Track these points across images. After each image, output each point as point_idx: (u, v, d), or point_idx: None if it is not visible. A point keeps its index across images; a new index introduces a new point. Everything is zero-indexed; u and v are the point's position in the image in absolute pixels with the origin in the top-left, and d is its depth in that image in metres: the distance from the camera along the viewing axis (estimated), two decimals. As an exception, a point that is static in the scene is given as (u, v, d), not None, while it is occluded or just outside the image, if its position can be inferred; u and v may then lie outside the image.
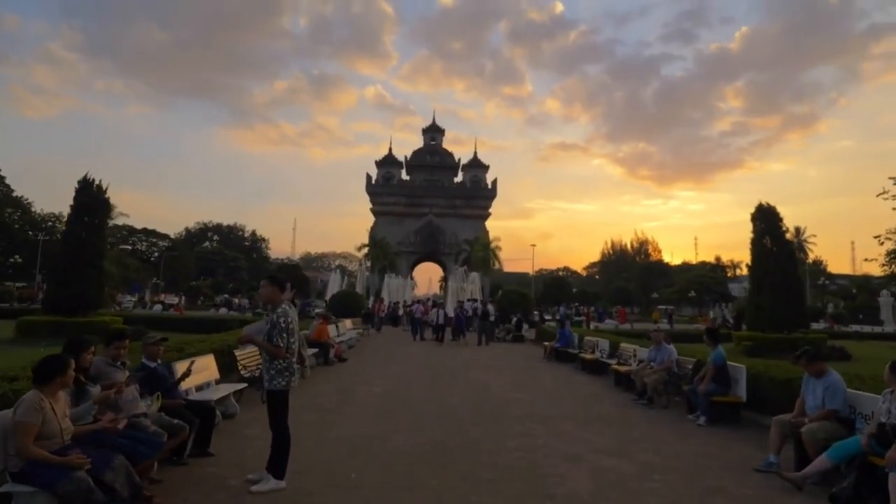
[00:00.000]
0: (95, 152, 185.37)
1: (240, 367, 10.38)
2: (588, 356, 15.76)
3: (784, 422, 6.73)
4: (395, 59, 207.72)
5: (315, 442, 7.27)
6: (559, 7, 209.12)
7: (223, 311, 31.33)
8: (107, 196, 21.33)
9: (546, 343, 19.72)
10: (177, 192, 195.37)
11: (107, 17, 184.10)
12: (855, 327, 41.81)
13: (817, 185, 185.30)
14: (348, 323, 24.27)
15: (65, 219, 66.55)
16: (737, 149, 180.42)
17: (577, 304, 46.01)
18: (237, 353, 10.62)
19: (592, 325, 32.43)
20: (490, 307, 26.07)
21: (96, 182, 21.08)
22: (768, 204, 22.02)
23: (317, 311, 27.65)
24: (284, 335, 5.58)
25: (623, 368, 12.65)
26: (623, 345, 14.85)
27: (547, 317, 36.61)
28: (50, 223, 68.66)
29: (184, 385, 7.96)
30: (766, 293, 21.11)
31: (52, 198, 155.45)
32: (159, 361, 6.87)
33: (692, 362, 10.88)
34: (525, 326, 27.09)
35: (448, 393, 11.61)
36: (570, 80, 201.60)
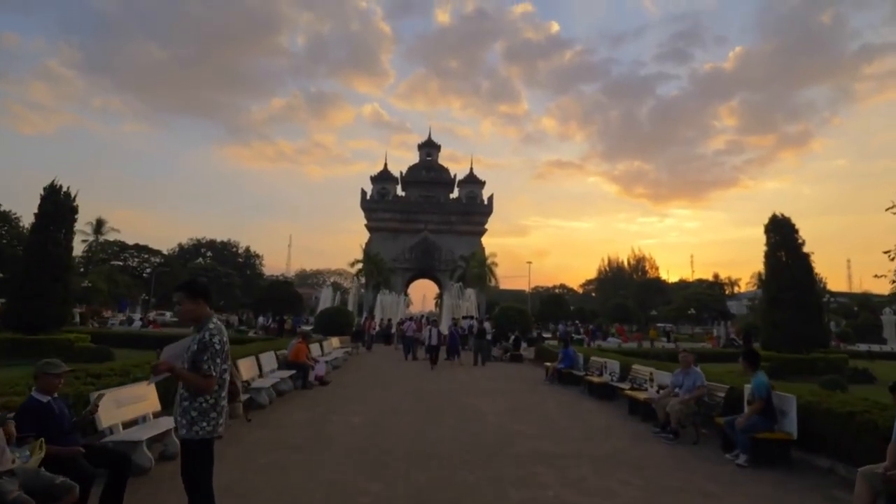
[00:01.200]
0: (91, 169, 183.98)
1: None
2: (596, 379, 14.08)
3: (875, 475, 5.10)
4: (393, 77, 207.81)
5: (265, 496, 5.60)
6: (555, 27, 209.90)
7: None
8: (75, 204, 19.67)
9: (548, 364, 18.04)
10: (172, 210, 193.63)
11: (106, 34, 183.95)
12: (862, 346, 40.17)
13: (812, 203, 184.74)
14: (335, 341, 22.53)
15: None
16: (731, 167, 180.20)
17: (576, 321, 44.20)
18: (148, 384, 7.18)
19: (594, 344, 30.71)
20: (486, 325, 24.38)
21: (64, 189, 19.44)
22: (782, 215, 20.55)
23: (297, 329, 25.85)
24: (217, 361, 3.96)
25: (641, 395, 10.98)
26: (636, 367, 13.18)
27: (546, 335, 34.91)
28: (38, 238, 66.81)
29: (105, 422, 6.33)
30: (783, 310, 19.55)
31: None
32: (55, 395, 5.20)
33: (724, 389, 9.26)
34: (523, 345, 25.39)
35: (438, 424, 9.92)
36: (565, 99, 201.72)
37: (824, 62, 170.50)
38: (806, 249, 20.37)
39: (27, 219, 72.03)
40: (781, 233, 20.36)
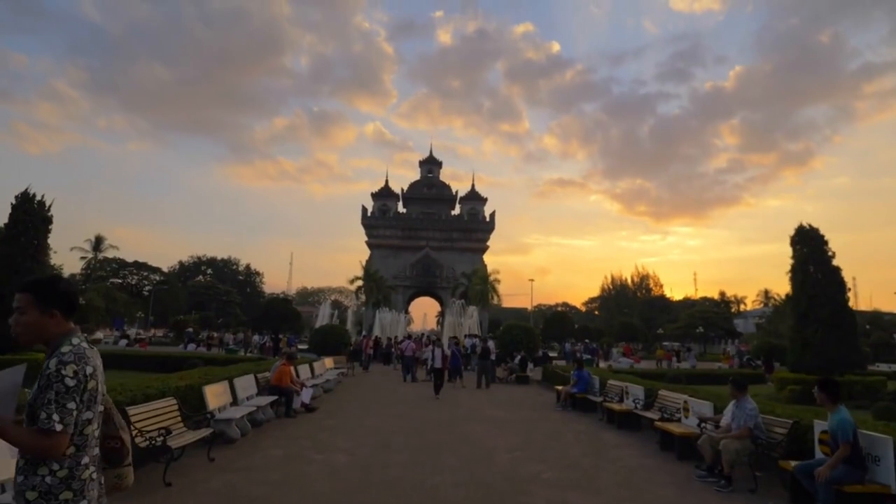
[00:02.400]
0: (95, 187, 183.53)
1: (133, 432, 6.99)
2: (617, 406, 12.33)
3: None
4: (395, 96, 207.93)
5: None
6: (556, 47, 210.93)
7: (191, 347, 27.58)
8: (49, 213, 18.12)
9: (559, 387, 16.28)
10: (174, 228, 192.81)
11: (111, 55, 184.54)
12: (882, 366, 38.23)
13: (814, 221, 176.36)
14: (328, 362, 20.78)
15: (50, 249, 63.27)
16: (733, 185, 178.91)
17: (586, 339, 42.22)
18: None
19: (604, 364, 28.86)
20: (491, 344, 22.63)
21: (38, 197, 17.91)
22: (810, 225, 18.91)
23: (291, 347, 24.06)
24: (71, 406, 2.35)
25: (676, 428, 9.25)
26: (664, 392, 11.45)
27: (551, 354, 33.06)
28: (34, 255, 65.31)
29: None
30: (813, 328, 17.79)
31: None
32: None
33: (786, 424, 7.54)
34: (530, 366, 23.60)
35: (438, 465, 8.20)
36: (566, 118, 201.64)
37: (824, 81, 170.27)
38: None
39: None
40: (810, 245, 18.68)
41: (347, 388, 19.01)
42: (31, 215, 17.51)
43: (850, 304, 18.47)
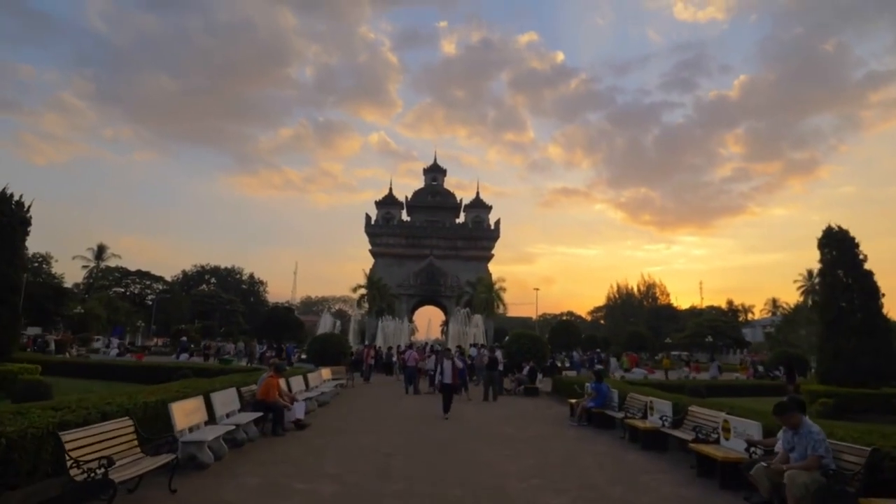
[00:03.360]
0: (101, 197, 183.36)
1: (69, 462, 5.69)
2: (641, 424, 10.97)
3: None
4: (400, 106, 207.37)
5: None
6: (560, 56, 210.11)
7: (183, 357, 26.16)
8: (28, 215, 16.95)
9: (572, 400, 14.91)
10: (179, 237, 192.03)
11: (118, 66, 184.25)
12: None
13: (819, 230, 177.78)
14: (325, 372, 19.46)
15: (52, 258, 62.06)
16: (738, 194, 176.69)
17: (598, 349, 40.67)
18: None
19: (618, 375, 27.39)
20: (498, 353, 21.26)
21: (16, 198, 16.74)
22: (839, 227, 17.54)
23: (271, 360, 22.58)
24: None
25: (717, 452, 7.90)
26: (695, 409, 10.09)
27: (560, 364, 31.58)
28: (36, 263, 64.32)
29: None
30: (845, 337, 16.39)
31: (51, 242, 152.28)
32: None
33: (863, 452, 6.19)
34: (539, 376, 22.21)
35: (441, 496, 6.88)
36: (571, 127, 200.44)
37: (829, 90, 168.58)
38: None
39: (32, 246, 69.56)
40: (840, 248, 17.31)
41: (345, 402, 17.68)
42: (8, 217, 16.31)
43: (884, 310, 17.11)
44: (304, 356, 31.11)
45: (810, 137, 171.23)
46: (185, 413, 8.29)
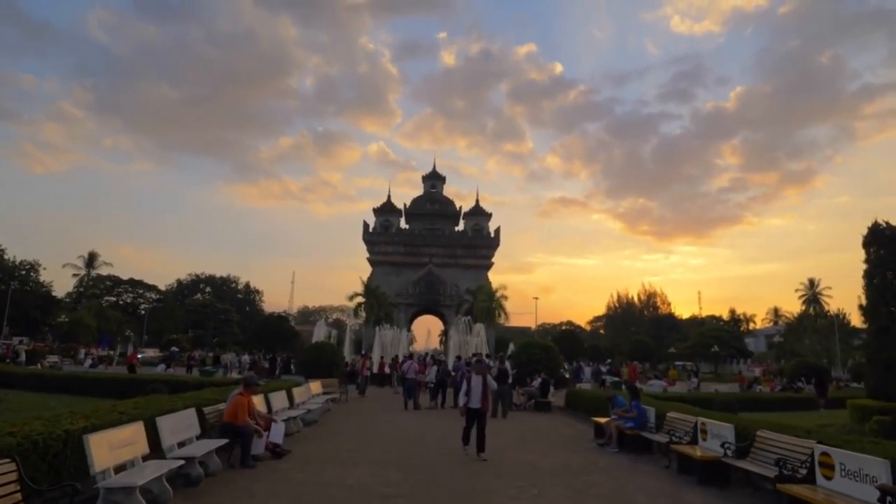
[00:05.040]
0: (99, 206, 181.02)
1: None
2: (696, 452, 8.81)
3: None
4: (399, 116, 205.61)
5: None
6: (558, 68, 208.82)
7: (160, 368, 23.80)
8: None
9: (600, 419, 12.73)
10: (177, 246, 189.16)
11: (118, 75, 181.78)
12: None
13: (816, 240, 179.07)
14: (315, 386, 17.25)
15: (40, 266, 59.69)
16: (735, 204, 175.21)
17: (608, 360, 38.44)
18: None
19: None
20: (508, 365, 19.07)
21: None
22: (887, 223, 15.49)
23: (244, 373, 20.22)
24: None
25: (822, 498, 5.77)
26: (767, 434, 7.97)
27: (572, 375, 29.40)
28: (23, 271, 61.92)
29: None
30: (899, 346, 14.28)
31: (48, 251, 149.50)
32: None
33: None
34: (551, 389, 20.01)
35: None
36: (569, 138, 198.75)
37: (825, 101, 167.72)
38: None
39: (12, 252, 67.27)
40: (888, 246, 15.28)
41: (336, 420, 15.49)
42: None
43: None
44: (287, 366, 28.79)
45: (806, 148, 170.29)
46: (111, 446, 6.13)
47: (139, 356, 46.94)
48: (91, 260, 70.16)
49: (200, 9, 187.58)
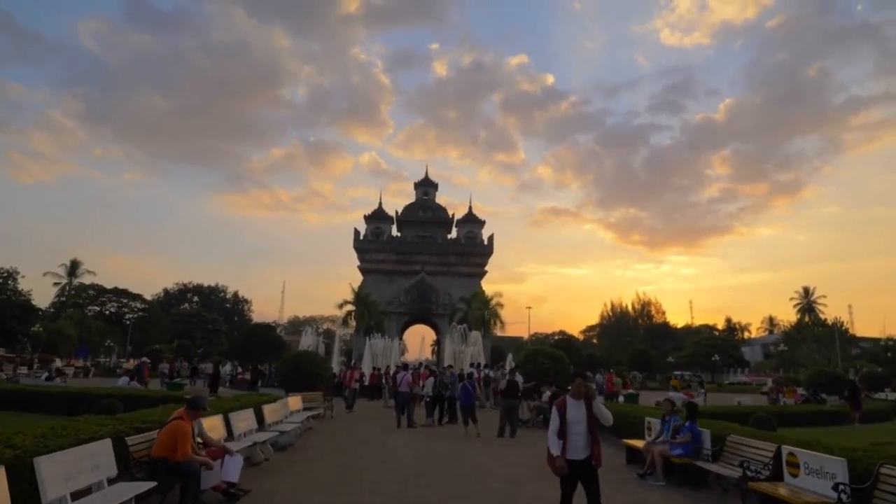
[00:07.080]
0: (89, 217, 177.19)
1: None
2: (796, 498, 6.46)
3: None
4: (392, 127, 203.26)
5: None
6: (550, 79, 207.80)
7: (123, 381, 21.14)
8: None
9: (635, 443, 10.37)
10: (168, 257, 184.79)
11: (109, 85, 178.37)
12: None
13: (806, 249, 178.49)
14: (294, 401, 14.76)
15: (18, 274, 56.62)
16: (726, 214, 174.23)
17: (611, 370, 36.08)
18: None
19: (619, 399, 22.78)
20: (519, 378, 16.67)
21: None
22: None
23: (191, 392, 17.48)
24: None
25: None
26: (891, 470, 5.67)
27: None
28: (1, 279, 58.82)
29: None
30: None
31: (35, 260, 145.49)
32: None
33: None
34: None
35: None
36: (561, 148, 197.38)
37: (813, 113, 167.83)
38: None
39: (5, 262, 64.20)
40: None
41: (315, 442, 13.00)
42: None
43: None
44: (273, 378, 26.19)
45: (795, 159, 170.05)
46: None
47: (119, 367, 43.99)
48: (73, 268, 67.03)
49: (193, 19, 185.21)
